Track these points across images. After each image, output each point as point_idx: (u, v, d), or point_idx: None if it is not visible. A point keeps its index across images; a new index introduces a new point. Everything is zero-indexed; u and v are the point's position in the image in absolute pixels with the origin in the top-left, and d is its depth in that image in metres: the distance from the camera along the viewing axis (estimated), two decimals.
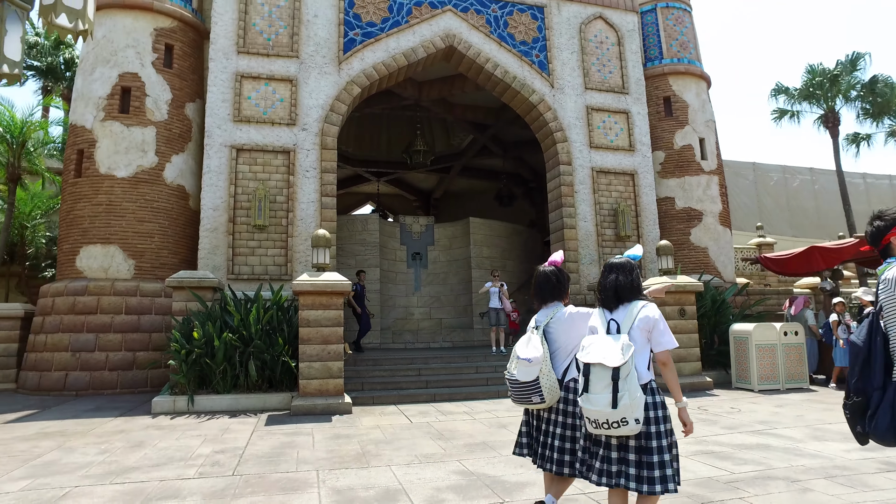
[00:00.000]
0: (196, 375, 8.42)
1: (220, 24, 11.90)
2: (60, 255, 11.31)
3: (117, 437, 6.59)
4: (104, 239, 10.90)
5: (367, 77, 12.42)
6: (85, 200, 11.01)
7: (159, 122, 11.66)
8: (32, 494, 4.51)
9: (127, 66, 11.65)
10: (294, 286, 8.37)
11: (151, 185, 11.33)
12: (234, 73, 11.72)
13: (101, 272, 10.84)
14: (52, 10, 3.18)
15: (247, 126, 11.50)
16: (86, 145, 11.29)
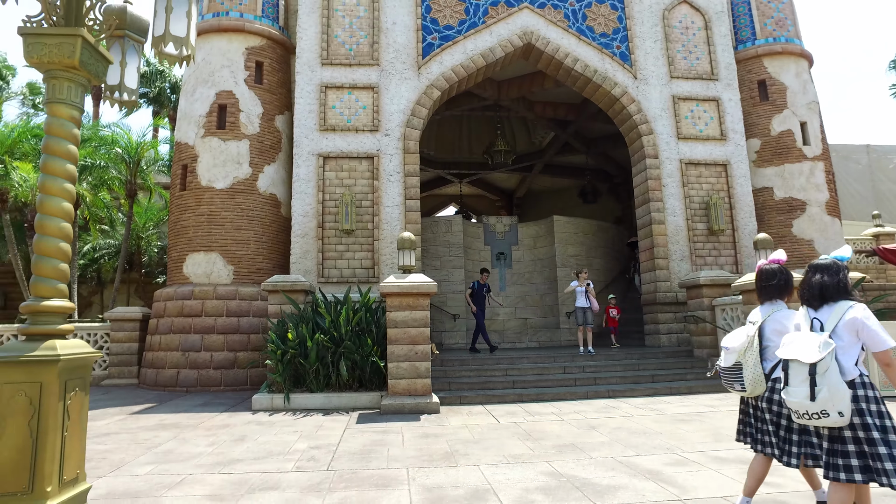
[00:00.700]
0: (291, 375, 8.84)
1: (304, 39, 12.45)
2: (170, 263, 12.27)
3: (223, 431, 7.05)
4: (206, 247, 11.71)
5: (447, 80, 12.55)
6: (189, 211, 11.89)
7: (252, 136, 12.37)
8: (156, 478, 4.93)
9: (223, 85, 12.44)
10: (381, 288, 8.60)
11: (246, 194, 12.04)
12: (318, 84, 12.21)
13: (205, 277, 11.66)
14: (161, 40, 3.46)
15: (332, 134, 11.95)
16: (189, 160, 12.18)
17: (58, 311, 3.14)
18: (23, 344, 3.03)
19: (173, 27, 3.51)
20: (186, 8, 3.60)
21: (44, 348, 3.00)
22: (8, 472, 2.89)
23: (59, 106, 3.31)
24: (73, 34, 3.27)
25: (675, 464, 5.13)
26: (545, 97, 17.25)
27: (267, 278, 11.19)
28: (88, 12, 3.52)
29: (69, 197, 3.29)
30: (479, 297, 12.40)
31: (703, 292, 11.00)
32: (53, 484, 2.97)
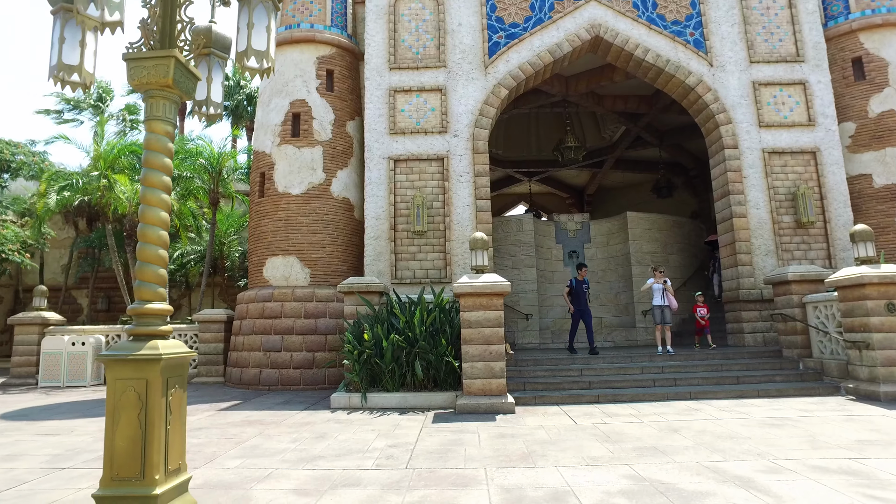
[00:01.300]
0: (367, 374, 9.05)
1: (372, 45, 12.72)
2: (251, 266, 12.87)
3: (304, 429, 7.31)
4: (284, 250, 12.20)
5: (514, 78, 12.47)
6: (268, 217, 12.43)
7: (325, 142, 12.77)
8: (245, 472, 5.19)
9: (296, 94, 12.92)
10: (454, 288, 8.65)
11: (321, 199, 12.44)
12: (387, 88, 12.45)
13: (283, 280, 12.14)
14: (245, 55, 3.64)
15: (402, 137, 12.14)
16: (266, 168, 12.73)
17: (159, 314, 3.37)
18: (130, 344, 3.26)
19: (255, 42, 3.68)
20: (266, 23, 3.76)
21: (148, 348, 3.22)
22: (124, 460, 3.14)
23: (156, 122, 3.54)
24: (168, 55, 3.49)
25: (769, 471, 4.86)
26: (615, 90, 16.80)
27: (342, 280, 11.52)
28: (180, 34, 3.75)
29: (166, 207, 3.52)
30: (580, 295, 11.70)
31: (792, 289, 10.36)
32: (160, 472, 3.19)
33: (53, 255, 23.33)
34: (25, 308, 22.48)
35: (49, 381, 13.09)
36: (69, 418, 8.51)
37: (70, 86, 3.72)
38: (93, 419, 8.38)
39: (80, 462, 5.71)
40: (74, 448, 6.37)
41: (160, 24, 3.73)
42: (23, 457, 6.01)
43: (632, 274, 14.81)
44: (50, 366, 13.17)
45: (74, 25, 3.69)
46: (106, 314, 22.66)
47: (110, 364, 3.22)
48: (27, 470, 5.44)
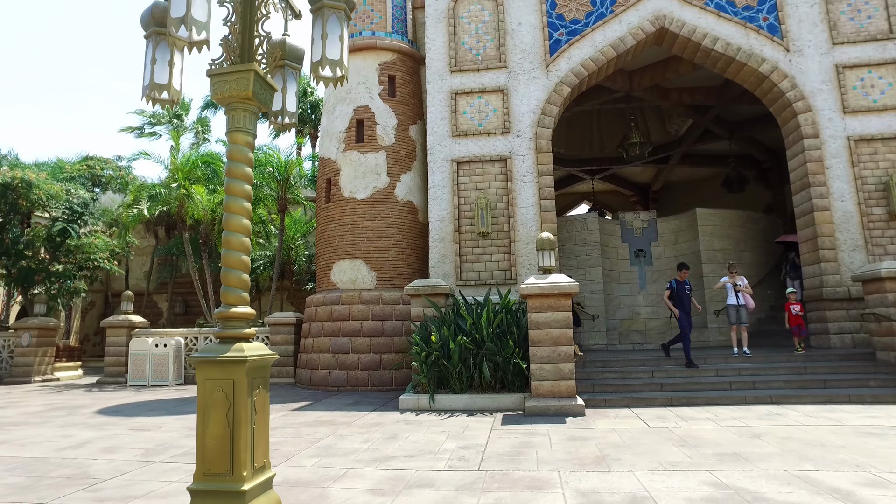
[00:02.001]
0: (435, 376, 9.12)
1: (433, 49, 12.82)
2: (318, 270, 13.24)
3: (375, 429, 7.44)
4: (351, 254, 12.47)
5: (576, 75, 12.26)
6: (334, 222, 12.75)
7: (388, 147, 12.97)
8: (321, 470, 5.33)
9: (359, 101, 13.20)
10: (521, 289, 8.59)
11: (385, 203, 12.65)
12: (448, 91, 12.51)
13: (350, 283, 12.42)
14: (319, 64, 3.74)
15: (464, 139, 12.17)
16: (332, 174, 13.06)
17: (243, 317, 3.51)
18: (217, 346, 3.42)
19: (329, 51, 3.78)
20: (339, 32, 3.85)
21: (234, 350, 3.36)
22: (214, 456, 3.29)
23: (237, 134, 3.70)
24: (247, 69, 3.64)
25: (871, 484, 4.53)
26: (681, 83, 16.20)
27: (407, 283, 11.65)
28: (258, 48, 3.90)
29: (248, 214, 3.67)
30: (683, 298, 10.50)
31: (886, 286, 9.66)
32: (248, 469, 3.32)
33: (137, 262, 24.82)
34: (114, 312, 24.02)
35: (136, 380, 13.92)
36: (156, 415, 9.02)
37: (160, 103, 3.95)
38: (177, 416, 8.84)
39: (169, 457, 6.03)
40: (163, 443, 6.74)
41: (240, 40, 3.89)
42: (121, 449, 6.41)
43: (702, 272, 14.24)
44: (137, 366, 14.01)
45: (164, 47, 3.91)
46: (183, 317, 23.89)
47: (200, 365, 3.38)
48: (125, 462, 5.80)
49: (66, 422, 8.52)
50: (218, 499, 3.28)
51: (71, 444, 6.82)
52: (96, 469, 5.54)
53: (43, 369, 16.26)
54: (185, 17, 3.33)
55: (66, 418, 8.88)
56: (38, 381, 15.86)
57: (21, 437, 7.43)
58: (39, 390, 13.64)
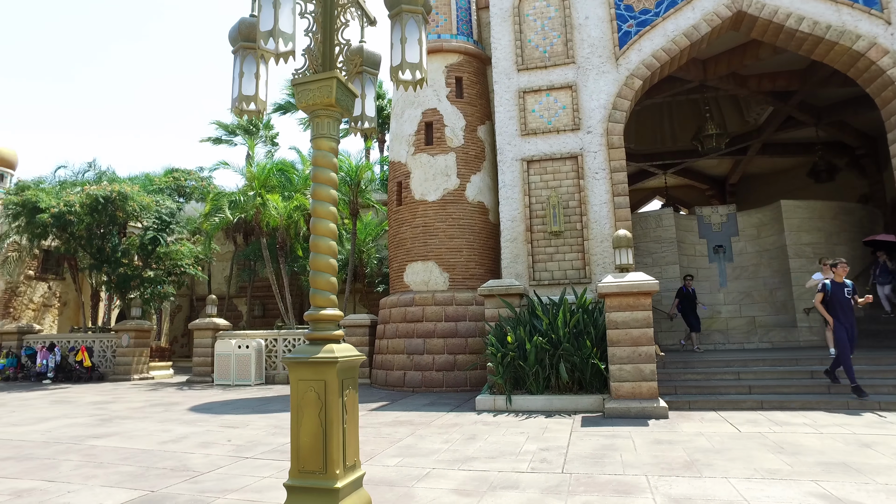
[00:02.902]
0: (511, 376, 9.06)
1: (499, 49, 12.76)
2: (391, 272, 13.45)
3: (454, 430, 7.47)
4: (423, 256, 12.60)
5: (647, 67, 11.87)
6: (406, 224, 12.92)
7: (457, 148, 13.02)
8: (404, 470, 5.40)
9: (427, 104, 13.32)
10: (599, 288, 8.40)
11: (456, 204, 12.70)
12: (516, 90, 12.41)
13: (423, 285, 12.55)
14: (399, 68, 3.80)
15: (534, 138, 12.04)
16: (402, 177, 13.25)
17: (332, 319, 3.60)
18: (308, 347, 3.52)
19: (408, 55, 3.82)
20: (418, 36, 3.89)
21: (325, 351, 3.45)
22: (308, 454, 3.39)
23: (322, 140, 3.80)
24: (330, 77, 3.73)
25: None
26: (760, 69, 15.35)
27: (479, 283, 11.65)
28: (338, 56, 4.00)
29: (333, 218, 3.76)
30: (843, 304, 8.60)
31: None
32: (340, 467, 3.40)
33: (218, 267, 26.12)
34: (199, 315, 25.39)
35: (222, 379, 14.63)
36: (242, 413, 9.43)
37: (247, 114, 4.13)
38: (262, 415, 9.21)
39: (258, 453, 6.28)
40: (252, 440, 7.03)
41: (321, 48, 4.00)
42: (214, 445, 6.75)
43: (789, 268, 13.44)
44: (222, 366, 14.72)
45: (250, 60, 4.09)
46: (262, 319, 24.92)
47: (293, 366, 3.49)
48: (219, 456, 6.10)
49: (164, 417, 9.06)
50: (313, 495, 3.37)
51: (170, 438, 7.24)
52: (194, 462, 5.85)
53: (140, 368, 17.40)
54: (273, 30, 3.45)
55: (163, 414, 9.45)
56: (136, 378, 16.99)
57: (128, 429, 7.97)
58: (138, 387, 14.60)
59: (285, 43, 3.48)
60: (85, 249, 18.45)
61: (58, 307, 22.65)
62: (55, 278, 22.39)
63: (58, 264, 21.98)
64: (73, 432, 7.86)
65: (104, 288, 20.24)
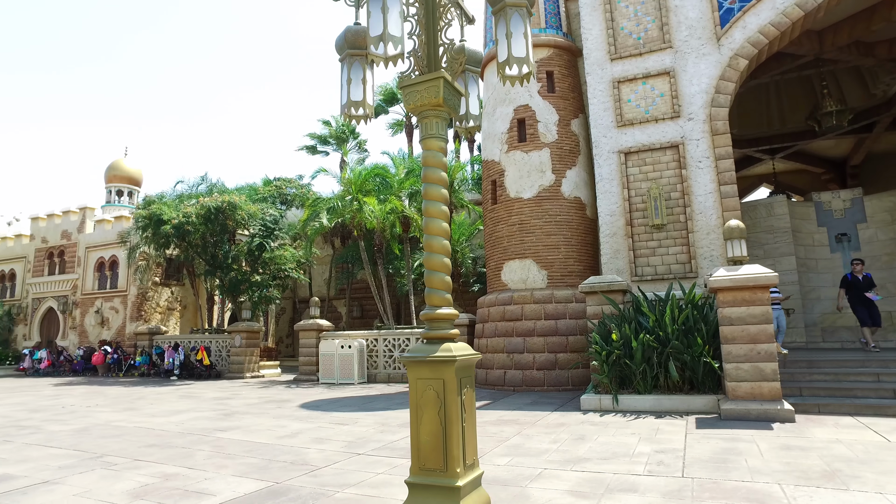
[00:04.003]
0: (616, 376, 8.75)
1: (590, 39, 12.39)
2: (488, 271, 13.44)
3: (560, 430, 7.32)
4: (520, 254, 12.49)
5: (754, 45, 11.06)
6: (502, 223, 12.87)
7: (551, 143, 12.79)
8: (515, 470, 5.35)
9: (518, 101, 13.19)
10: (710, 282, 7.93)
11: (552, 201, 12.48)
12: (610, 80, 12.00)
13: (521, 283, 12.43)
14: (506, 64, 3.76)
15: (630, 129, 11.59)
16: (496, 175, 13.20)
17: (448, 318, 3.61)
18: (426, 346, 3.55)
19: (514, 49, 3.77)
20: (523, 30, 3.82)
21: (442, 350, 3.47)
22: (429, 452, 3.42)
23: (431, 140, 3.83)
24: (437, 77, 3.75)
25: None
26: (890, 33, 13.87)
27: (579, 280, 11.37)
28: (443, 57, 4.02)
29: (446, 217, 3.77)
30: None
31: None
32: (460, 466, 3.40)
33: (318, 270, 27.30)
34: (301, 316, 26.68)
35: (326, 378, 15.27)
36: (350, 411, 9.77)
37: (355, 118, 4.23)
38: (368, 413, 9.50)
39: (370, 450, 6.46)
40: (362, 437, 7.26)
41: (425, 49, 4.04)
42: (327, 441, 7.03)
43: None
44: (326, 365, 15.36)
45: (357, 67, 4.19)
46: (360, 320, 25.76)
47: (411, 365, 3.54)
48: (333, 452, 6.34)
49: (278, 413, 9.58)
50: (434, 493, 3.40)
51: (286, 433, 7.63)
52: (311, 457, 6.11)
53: (251, 367, 18.54)
54: (382, 34, 3.52)
55: (276, 410, 9.98)
56: (248, 376, 18.12)
57: (247, 424, 8.49)
58: (250, 385, 15.56)
59: (395, 46, 3.54)
60: (200, 256, 19.94)
61: (179, 310, 24.62)
62: (176, 284, 24.35)
63: (178, 271, 23.90)
64: (201, 425, 8.47)
65: (217, 292, 21.76)
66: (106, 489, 4.95)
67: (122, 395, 13.59)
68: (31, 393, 14.61)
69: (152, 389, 14.83)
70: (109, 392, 14.36)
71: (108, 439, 7.42)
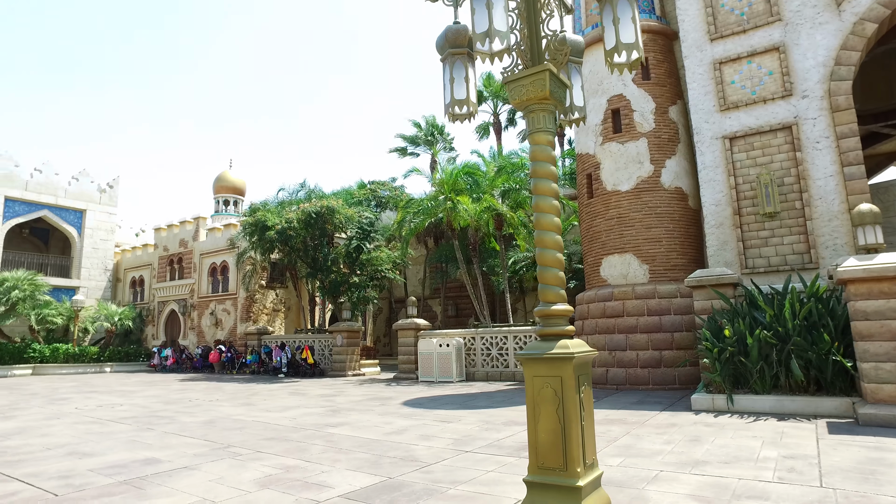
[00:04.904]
0: (730, 374, 8.24)
1: (686, 20, 11.77)
2: (586, 267, 13.12)
3: (672, 430, 6.99)
4: (619, 248, 12.09)
5: (885, 6, 10.00)
6: (599, 217, 12.51)
7: (648, 133, 12.28)
8: (629, 471, 5.16)
9: (612, 91, 12.77)
10: (839, 273, 7.27)
11: (651, 192, 11.98)
12: (710, 62, 11.34)
13: (621, 279, 12.03)
14: (614, 51, 3.63)
15: (735, 112, 10.89)
16: (592, 168, 12.85)
17: (563, 314, 3.54)
18: (542, 343, 3.50)
19: (623, 35, 3.63)
20: (630, 14, 3.67)
21: (559, 347, 3.40)
22: (547, 451, 3.37)
23: (539, 135, 3.77)
24: (543, 70, 3.69)
25: None
26: None
27: (682, 274, 10.85)
28: (546, 49, 3.94)
29: (557, 212, 3.70)
30: None
31: None
32: (580, 466, 3.32)
33: (412, 270, 27.89)
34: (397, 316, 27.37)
35: (426, 376, 15.54)
36: (452, 409, 9.87)
37: (459, 118, 4.24)
38: (470, 411, 9.54)
39: (476, 447, 6.48)
40: (467, 435, 7.30)
41: (528, 43, 3.98)
42: (433, 438, 7.13)
43: None
44: (425, 364, 15.63)
45: (459, 65, 4.20)
46: (455, 319, 26.02)
47: (527, 362, 3.50)
48: (440, 449, 6.42)
49: (383, 410, 9.85)
50: (554, 493, 3.34)
51: (393, 430, 7.83)
52: (419, 454, 6.22)
53: (352, 365, 19.25)
54: (488, 30, 3.50)
55: (381, 408, 10.28)
56: (350, 374, 18.82)
57: (354, 420, 8.81)
58: (352, 383, 16.14)
59: (501, 41, 3.51)
60: (302, 260, 20.96)
61: (283, 311, 26.03)
62: (280, 286, 25.76)
63: (281, 274, 25.25)
64: (312, 420, 8.88)
65: (318, 293, 22.78)
66: (235, 477, 5.29)
67: (237, 390, 14.55)
68: (161, 387, 15.99)
69: (263, 386, 15.76)
70: (226, 388, 15.41)
71: (231, 431, 7.95)
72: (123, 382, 18.45)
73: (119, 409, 10.62)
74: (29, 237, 30.87)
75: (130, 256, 32.13)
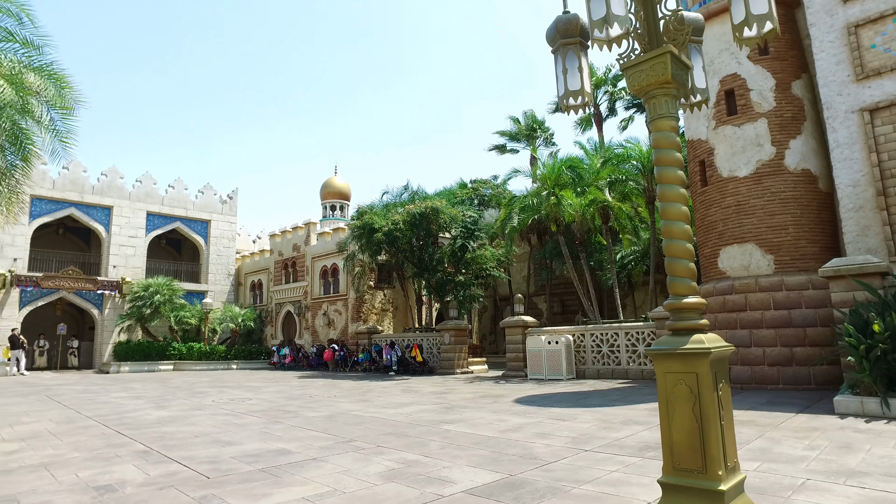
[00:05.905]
0: (883, 374, 7.42)
1: None
2: (701, 259, 12.38)
3: (815, 435, 6.42)
4: (739, 238, 11.29)
5: None
6: (714, 206, 11.76)
7: (768, 112, 11.37)
8: (770, 477, 4.80)
9: (724, 70, 11.95)
10: None
11: (773, 176, 11.09)
12: (843, 27, 10.29)
13: (742, 270, 11.23)
14: (745, 24, 3.38)
15: (877, 80, 9.80)
16: (705, 155, 12.11)
17: (695, 307, 3.35)
18: (673, 338, 3.33)
19: (753, 6, 3.38)
20: None
21: (693, 342, 3.22)
22: (683, 451, 3.21)
23: (661, 121, 3.59)
24: (663, 52, 3.51)
25: None
26: None
27: (814, 264, 9.97)
28: (664, 30, 3.75)
29: (684, 201, 3.51)
30: None
31: None
32: (722, 468, 3.13)
33: (516, 268, 27.76)
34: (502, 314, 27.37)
35: (535, 374, 15.39)
36: (565, 407, 9.69)
37: (573, 109, 4.15)
38: (585, 409, 9.33)
39: (596, 447, 6.32)
40: (585, 433, 7.13)
41: (645, 26, 3.81)
42: (550, 436, 7.05)
43: None
44: (534, 361, 15.49)
45: (572, 56, 4.10)
46: (561, 316, 25.58)
47: (658, 358, 3.35)
48: (559, 447, 6.32)
49: (495, 408, 9.87)
50: (693, 496, 3.17)
51: (508, 427, 7.82)
52: (538, 452, 6.16)
53: (460, 363, 19.48)
54: (606, 16, 3.40)
55: (493, 405, 10.31)
56: (458, 372, 19.06)
57: (468, 417, 8.90)
58: (461, 380, 16.33)
59: (620, 26, 3.40)
60: (409, 260, 21.51)
61: (391, 311, 26.87)
62: (387, 287, 26.62)
63: (389, 275, 26.08)
64: (427, 417, 9.08)
65: (425, 292, 23.29)
66: (361, 470, 5.52)
67: (352, 387, 15.20)
68: (283, 384, 17.08)
69: (376, 383, 16.35)
70: (342, 385, 16.16)
71: (352, 426, 8.31)
72: (249, 378, 19.90)
73: (249, 403, 11.45)
74: (165, 247, 34.22)
75: (249, 262, 34.64)
